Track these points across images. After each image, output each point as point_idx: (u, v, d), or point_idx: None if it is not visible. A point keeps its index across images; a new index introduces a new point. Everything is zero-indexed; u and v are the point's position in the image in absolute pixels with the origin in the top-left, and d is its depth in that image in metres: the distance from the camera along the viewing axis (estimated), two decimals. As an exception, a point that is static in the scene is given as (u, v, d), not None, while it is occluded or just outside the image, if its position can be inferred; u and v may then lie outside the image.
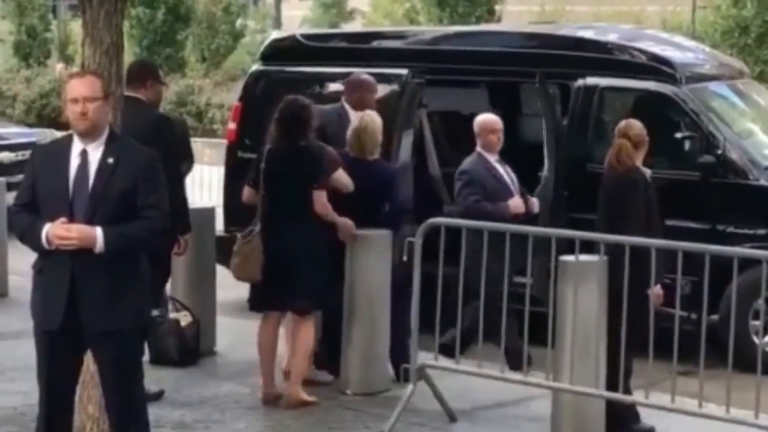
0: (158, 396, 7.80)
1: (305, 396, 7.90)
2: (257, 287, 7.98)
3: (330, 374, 8.40)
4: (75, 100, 5.61)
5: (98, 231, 5.49)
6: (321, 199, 7.87)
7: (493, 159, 9.05)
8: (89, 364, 6.16)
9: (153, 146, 7.43)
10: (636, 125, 7.65)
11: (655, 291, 7.14)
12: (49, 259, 5.60)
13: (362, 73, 9.25)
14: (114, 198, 5.56)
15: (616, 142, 7.57)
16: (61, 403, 5.76)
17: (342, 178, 8.08)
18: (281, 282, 7.79)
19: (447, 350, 7.80)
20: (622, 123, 7.73)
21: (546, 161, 10.00)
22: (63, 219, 5.50)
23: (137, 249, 5.71)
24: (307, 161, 7.87)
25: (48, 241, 5.51)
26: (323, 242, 7.90)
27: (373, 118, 8.44)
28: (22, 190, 5.78)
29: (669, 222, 8.45)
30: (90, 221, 5.51)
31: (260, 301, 8.03)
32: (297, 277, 7.77)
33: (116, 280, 5.58)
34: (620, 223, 7.29)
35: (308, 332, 7.91)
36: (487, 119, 9.14)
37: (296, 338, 7.96)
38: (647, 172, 7.61)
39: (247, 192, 8.06)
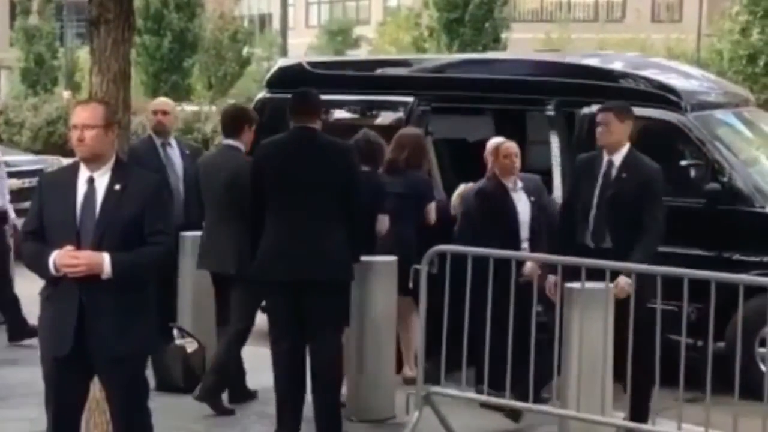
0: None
1: None
2: None
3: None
4: (75, 127, 5.67)
5: (105, 257, 5.51)
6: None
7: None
8: (95, 390, 6.17)
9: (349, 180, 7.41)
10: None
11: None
12: (56, 286, 5.62)
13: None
14: (121, 224, 5.58)
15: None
16: (68, 429, 5.77)
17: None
18: None
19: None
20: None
21: (555, 189, 9.99)
22: (70, 246, 5.53)
23: (144, 274, 5.72)
24: None
25: (56, 268, 5.54)
26: None
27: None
28: (29, 217, 5.80)
29: (675, 249, 8.46)
30: (97, 248, 5.53)
31: None
32: None
33: (125, 305, 5.59)
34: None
35: None
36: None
37: None
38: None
39: None
